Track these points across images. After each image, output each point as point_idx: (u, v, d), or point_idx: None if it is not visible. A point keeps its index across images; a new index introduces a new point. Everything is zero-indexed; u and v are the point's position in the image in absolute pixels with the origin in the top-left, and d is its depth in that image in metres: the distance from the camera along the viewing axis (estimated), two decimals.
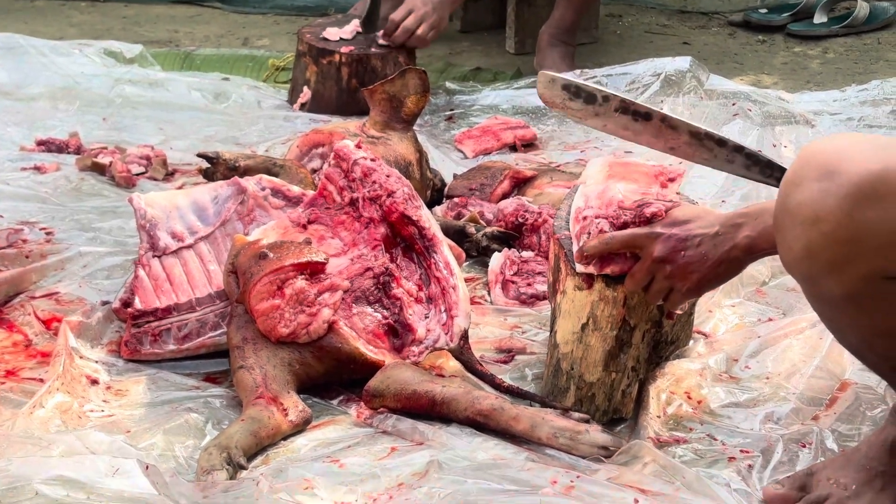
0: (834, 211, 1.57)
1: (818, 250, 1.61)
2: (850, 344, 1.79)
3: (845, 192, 1.56)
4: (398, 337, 2.28)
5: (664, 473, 1.91)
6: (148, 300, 2.36)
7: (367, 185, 2.37)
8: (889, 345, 1.71)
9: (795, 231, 1.62)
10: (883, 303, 1.64)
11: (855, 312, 1.68)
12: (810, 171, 1.60)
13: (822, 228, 1.59)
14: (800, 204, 1.61)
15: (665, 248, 1.98)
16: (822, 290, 1.67)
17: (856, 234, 1.57)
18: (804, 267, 1.65)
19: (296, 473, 1.93)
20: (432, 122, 3.78)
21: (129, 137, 3.55)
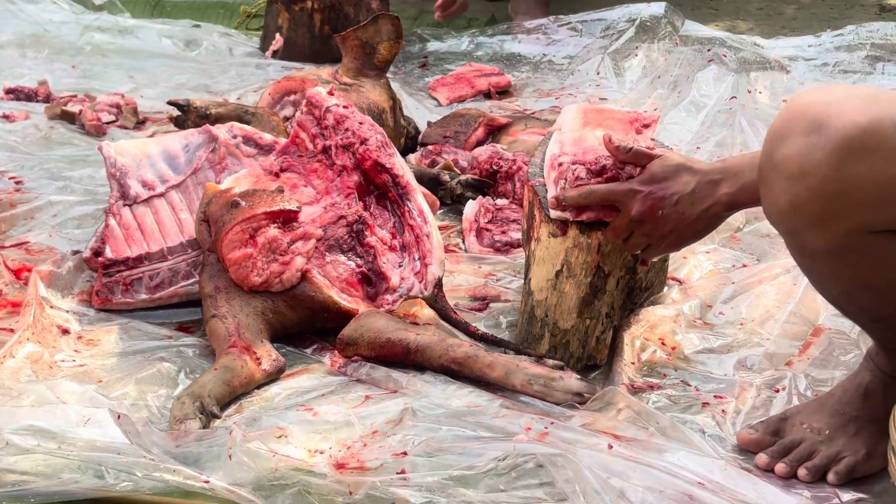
0: (821, 165, 1.55)
1: (804, 204, 1.59)
2: (830, 295, 1.79)
3: (833, 146, 1.54)
4: (372, 285, 2.27)
5: (638, 419, 1.91)
6: (119, 249, 2.34)
7: (340, 132, 2.35)
8: (869, 297, 1.71)
9: (781, 185, 1.61)
10: (865, 256, 1.64)
11: (837, 265, 1.67)
12: (797, 124, 1.58)
13: (808, 183, 1.57)
14: (786, 158, 1.59)
15: (643, 207, 1.96)
16: (806, 243, 1.66)
17: (842, 188, 1.56)
18: (789, 221, 1.64)
19: (269, 422, 1.92)
20: (406, 69, 3.75)
21: (98, 85, 3.51)
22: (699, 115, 3.30)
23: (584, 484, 1.68)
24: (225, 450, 1.76)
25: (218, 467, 1.74)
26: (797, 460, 1.83)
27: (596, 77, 3.67)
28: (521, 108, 3.45)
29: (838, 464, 1.82)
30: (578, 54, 3.78)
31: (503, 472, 1.77)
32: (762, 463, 1.84)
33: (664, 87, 3.50)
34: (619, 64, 3.69)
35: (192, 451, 1.78)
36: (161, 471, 1.71)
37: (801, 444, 1.85)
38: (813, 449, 1.84)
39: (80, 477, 1.73)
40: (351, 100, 2.58)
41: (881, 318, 1.77)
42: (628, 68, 3.67)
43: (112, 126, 3.22)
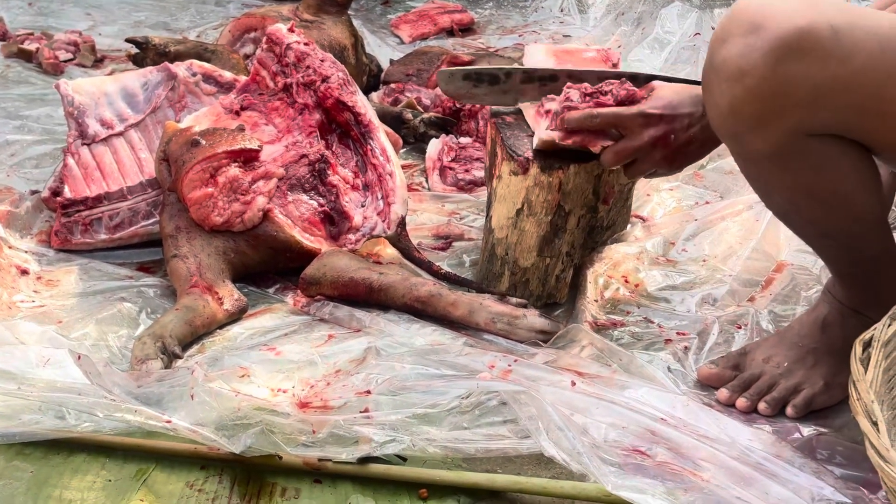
0: (758, 65, 1.57)
1: (742, 105, 1.61)
2: (776, 206, 1.79)
3: (769, 46, 1.56)
4: (334, 224, 2.26)
5: (601, 356, 1.92)
6: (78, 189, 2.32)
7: (301, 69, 2.33)
8: (814, 206, 1.72)
9: (721, 87, 1.62)
10: (807, 160, 1.65)
11: (780, 171, 1.68)
12: (736, 26, 1.59)
13: (746, 83, 1.58)
14: (725, 60, 1.60)
15: (656, 133, 1.93)
16: (748, 148, 1.67)
17: (779, 88, 1.57)
18: (730, 124, 1.65)
19: (232, 362, 1.92)
20: (368, 6, 3.71)
21: (55, 23, 3.46)
22: (663, 52, 3.30)
23: (547, 421, 1.69)
24: (187, 390, 1.75)
25: (180, 407, 1.73)
26: (757, 394, 1.85)
27: (559, 14, 3.65)
28: (485, 45, 3.43)
29: (797, 396, 1.83)
30: None
31: (467, 410, 1.78)
32: (723, 397, 1.86)
33: (628, 24, 3.48)
34: (583, 1, 3.67)
35: (153, 392, 1.77)
36: (122, 411, 1.71)
37: (760, 378, 1.86)
38: (772, 382, 1.86)
39: (40, 418, 1.72)
40: (312, 37, 2.55)
41: (829, 233, 1.77)
42: (592, 5, 3.65)
43: (69, 64, 3.17)
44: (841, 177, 1.68)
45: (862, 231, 1.75)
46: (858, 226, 1.74)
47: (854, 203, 1.71)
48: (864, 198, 1.71)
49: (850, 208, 1.71)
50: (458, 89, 2.15)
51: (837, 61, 1.56)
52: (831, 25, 1.55)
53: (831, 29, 1.55)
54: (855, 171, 1.68)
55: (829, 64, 1.56)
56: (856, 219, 1.73)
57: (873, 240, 1.77)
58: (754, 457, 1.67)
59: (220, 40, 2.94)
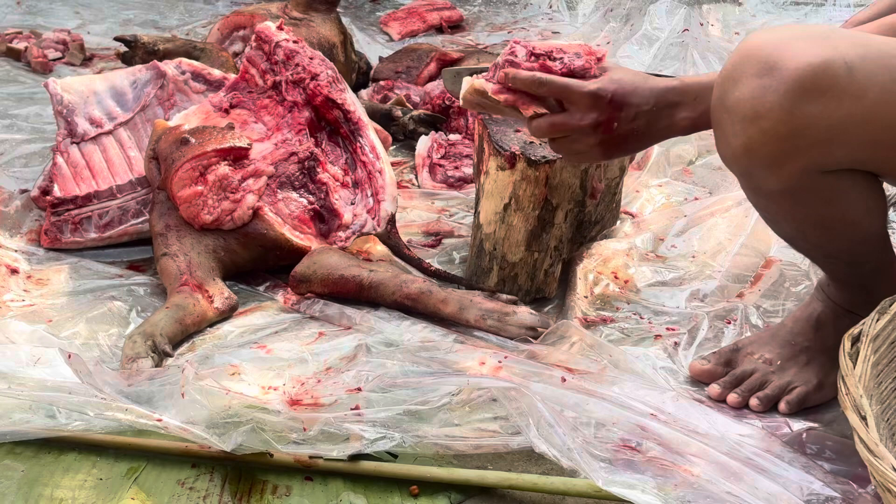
0: (774, 108, 1.54)
1: (758, 147, 1.58)
2: (784, 233, 1.79)
3: (786, 87, 1.53)
4: (324, 222, 2.26)
5: (591, 352, 1.92)
6: (67, 188, 2.31)
7: (290, 67, 2.33)
8: (821, 234, 1.72)
9: (735, 128, 1.59)
10: (818, 195, 1.64)
11: (791, 205, 1.67)
12: (749, 66, 1.56)
13: (762, 125, 1.56)
14: (739, 100, 1.57)
15: (601, 116, 1.76)
16: (761, 184, 1.66)
17: (796, 129, 1.55)
18: (743, 163, 1.63)
19: (222, 360, 1.92)
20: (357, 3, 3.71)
21: (44, 22, 3.46)
22: (651, 48, 3.30)
23: (538, 417, 1.69)
24: (178, 388, 1.75)
25: (171, 406, 1.73)
26: (749, 390, 1.85)
27: (549, 10, 3.65)
28: (474, 42, 3.43)
29: (790, 393, 1.83)
30: None
31: (457, 407, 1.78)
32: (714, 393, 1.86)
33: (616, 21, 3.48)
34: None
35: (144, 390, 1.77)
36: (113, 410, 1.70)
37: (752, 375, 1.87)
38: (764, 379, 1.86)
39: (31, 417, 1.72)
40: (301, 35, 2.55)
41: (833, 254, 1.78)
42: (581, 2, 3.65)
43: (59, 63, 3.17)
44: (850, 206, 1.68)
45: (866, 250, 1.76)
46: (863, 246, 1.74)
47: (861, 228, 1.71)
48: (871, 222, 1.71)
49: (857, 233, 1.72)
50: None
51: (852, 98, 1.53)
52: (846, 62, 1.53)
53: (846, 66, 1.52)
54: (864, 199, 1.68)
55: (845, 102, 1.53)
56: (861, 241, 1.73)
57: (875, 256, 1.78)
58: (744, 452, 1.67)
59: (210, 38, 2.94)
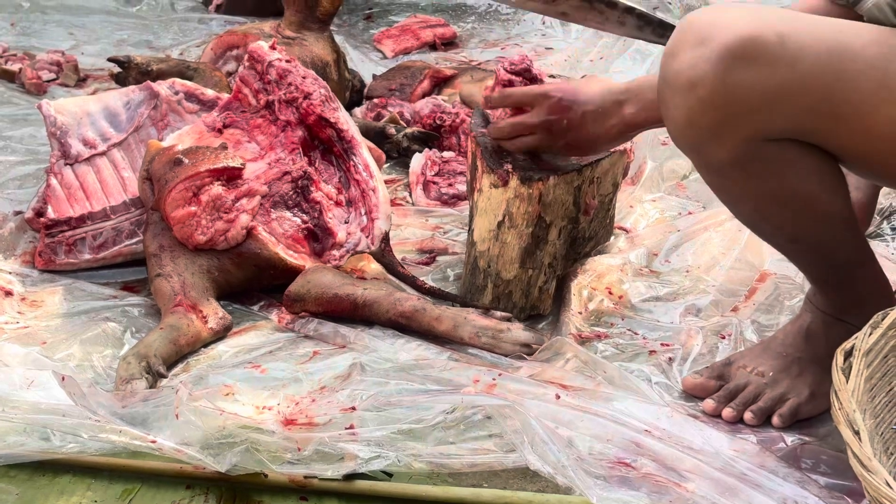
0: (708, 75, 1.60)
1: (698, 117, 1.64)
2: (744, 215, 1.81)
3: (717, 55, 1.60)
4: (318, 241, 2.26)
5: (585, 369, 1.92)
6: (61, 209, 2.31)
7: (283, 87, 2.33)
8: (779, 211, 1.73)
9: (676, 100, 1.65)
10: (767, 165, 1.68)
11: (743, 179, 1.70)
12: (685, 40, 1.63)
13: (698, 94, 1.62)
14: (677, 72, 1.64)
15: (550, 113, 2.06)
16: (709, 158, 1.70)
17: (731, 97, 1.61)
18: (688, 135, 1.69)
19: (216, 380, 1.92)
20: (350, 21, 3.72)
21: (38, 43, 3.46)
22: (645, 62, 3.31)
23: (532, 434, 1.69)
24: (172, 409, 1.75)
25: (165, 427, 1.73)
26: (743, 404, 1.85)
27: (542, 26, 3.66)
28: (467, 58, 3.44)
29: (782, 406, 1.84)
30: None
31: (452, 425, 1.78)
32: (708, 408, 1.86)
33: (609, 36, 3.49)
34: None
35: (138, 412, 1.77)
36: (107, 432, 1.70)
37: (746, 388, 1.87)
38: (758, 392, 1.86)
39: (25, 440, 1.72)
40: (294, 54, 2.56)
41: (797, 238, 1.78)
42: None
43: (52, 84, 3.17)
44: (802, 179, 1.70)
45: (831, 233, 1.76)
46: (826, 228, 1.75)
47: (818, 203, 1.72)
48: (828, 197, 1.73)
49: (815, 209, 1.73)
50: None
51: (786, 66, 1.59)
52: (777, 32, 1.59)
53: (777, 35, 1.59)
54: (816, 172, 1.70)
55: (778, 69, 1.59)
56: (822, 220, 1.74)
57: (844, 243, 1.78)
58: (738, 467, 1.67)
59: (203, 58, 2.95)
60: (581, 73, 3.24)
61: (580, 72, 3.26)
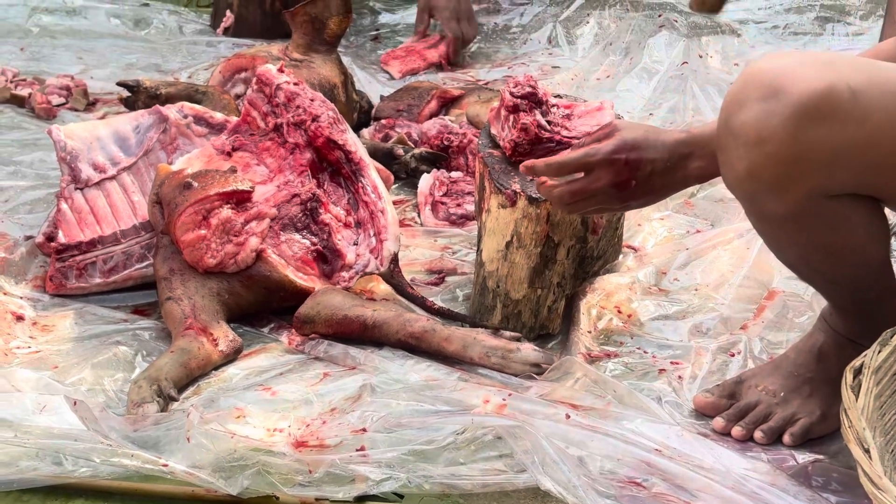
0: (778, 131, 1.56)
1: (761, 171, 1.60)
2: (787, 259, 1.80)
3: (789, 112, 1.55)
4: (328, 263, 2.27)
5: (595, 388, 1.93)
6: (72, 233, 2.33)
7: (291, 109, 2.34)
8: (825, 260, 1.73)
9: (739, 152, 1.61)
10: (822, 220, 1.66)
11: (795, 230, 1.68)
12: (753, 90, 1.58)
13: (765, 149, 1.57)
14: (743, 124, 1.59)
15: (618, 178, 1.86)
16: (765, 209, 1.67)
17: (799, 153, 1.57)
18: (747, 187, 1.65)
19: (227, 403, 1.92)
20: (357, 42, 3.73)
21: (48, 68, 3.47)
22: (651, 81, 3.31)
23: (543, 454, 1.70)
24: (183, 432, 1.76)
25: (176, 450, 1.74)
26: (753, 423, 1.85)
27: (548, 46, 3.66)
28: (474, 78, 3.45)
29: (793, 425, 1.84)
30: (530, 23, 3.78)
31: (462, 446, 1.78)
32: (719, 426, 1.86)
33: (616, 54, 3.50)
34: (571, 31, 3.69)
35: (150, 435, 1.78)
36: (119, 456, 1.71)
37: (756, 407, 1.87)
38: (769, 411, 1.86)
39: (37, 464, 1.72)
40: (302, 76, 2.57)
41: (836, 280, 1.79)
42: (580, 36, 3.66)
43: (62, 109, 3.19)
44: (853, 232, 1.69)
45: (868, 276, 1.76)
46: (865, 272, 1.75)
47: (864, 254, 1.72)
48: (874, 248, 1.72)
49: (860, 258, 1.72)
50: None
51: (855, 122, 1.55)
52: (849, 86, 1.55)
53: (849, 90, 1.55)
54: (866, 224, 1.69)
55: (848, 126, 1.55)
56: (863, 266, 1.74)
57: (878, 282, 1.78)
58: (749, 486, 1.67)
59: (211, 81, 2.96)
60: (587, 91, 3.25)
61: (586, 91, 3.26)
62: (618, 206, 1.93)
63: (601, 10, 3.70)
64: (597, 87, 3.30)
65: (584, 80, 3.37)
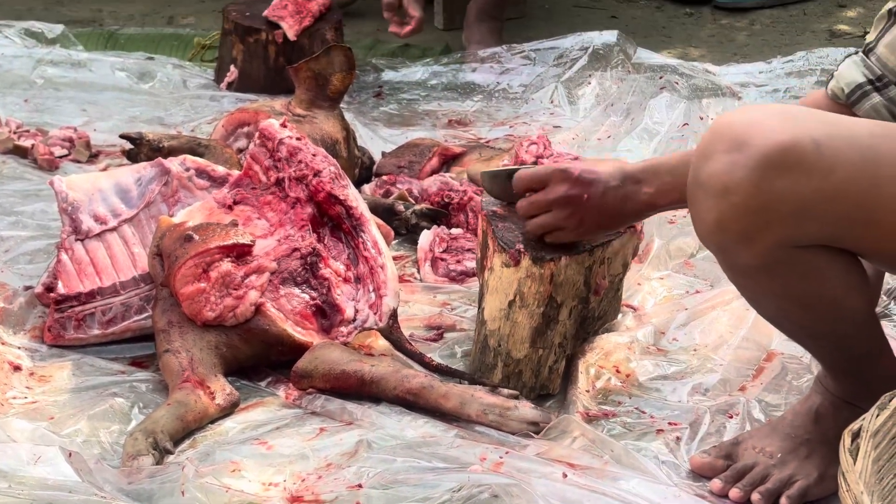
0: (743, 182, 1.59)
1: (729, 221, 1.63)
2: (766, 313, 1.82)
3: (754, 163, 1.59)
4: (326, 317, 2.27)
5: (593, 447, 1.92)
6: (71, 284, 2.33)
7: (293, 164, 2.35)
8: (803, 313, 1.74)
9: (707, 203, 1.64)
10: (794, 270, 1.67)
11: (768, 281, 1.70)
12: (720, 143, 1.62)
13: (732, 200, 1.61)
14: (710, 176, 1.63)
15: (571, 190, 1.99)
16: (736, 260, 1.70)
17: (765, 204, 1.60)
18: (717, 238, 1.68)
19: (223, 456, 1.91)
20: (360, 99, 3.75)
21: (51, 119, 3.49)
22: (652, 142, 3.33)
23: None
24: (178, 486, 1.75)
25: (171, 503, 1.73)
26: (751, 484, 1.85)
27: (550, 105, 3.68)
28: (476, 136, 3.46)
29: (791, 487, 1.83)
30: (532, 83, 3.80)
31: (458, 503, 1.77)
32: (716, 488, 1.85)
33: (617, 115, 3.52)
34: (573, 92, 3.71)
35: (144, 488, 1.77)
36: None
37: (753, 469, 1.86)
38: (766, 473, 1.86)
39: None
40: (304, 131, 2.58)
41: (819, 335, 1.79)
42: (582, 96, 3.68)
43: (65, 160, 3.20)
44: (829, 283, 1.70)
45: (852, 330, 1.77)
46: (848, 326, 1.75)
47: (843, 306, 1.73)
48: (853, 300, 1.73)
49: (840, 311, 1.73)
50: (503, 189, 2.16)
51: (821, 174, 1.58)
52: (813, 139, 1.58)
53: (813, 142, 1.58)
54: (843, 275, 1.70)
55: (813, 177, 1.58)
56: (845, 320, 1.74)
57: (863, 337, 1.79)
58: None
59: (214, 135, 2.97)
60: (588, 151, 3.26)
61: (587, 150, 3.28)
62: (572, 226, 2.03)
63: (603, 71, 3.73)
64: (598, 147, 3.32)
65: (585, 139, 3.38)
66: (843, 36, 4.35)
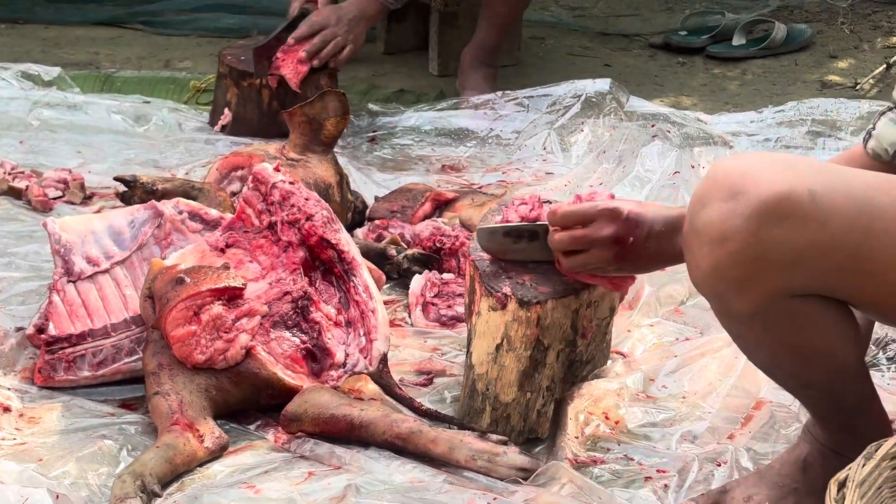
0: (740, 230, 1.60)
1: (725, 269, 1.64)
2: (759, 361, 1.82)
3: (751, 212, 1.59)
4: (317, 361, 2.27)
5: (581, 494, 1.92)
6: (62, 326, 2.33)
7: (286, 208, 2.36)
8: (796, 362, 1.74)
9: (703, 250, 1.65)
10: (788, 320, 1.68)
11: (762, 330, 1.71)
12: (717, 191, 1.63)
13: (728, 248, 1.61)
14: (707, 223, 1.63)
15: (619, 231, 1.95)
16: (731, 308, 1.70)
17: (761, 252, 1.61)
18: (712, 285, 1.68)
19: (211, 500, 1.91)
20: (354, 143, 3.77)
21: (46, 161, 3.50)
22: (643, 189, 3.34)
23: None
24: None
25: None
26: None
27: (542, 152, 3.70)
28: (469, 182, 3.48)
29: None
30: (525, 129, 3.82)
31: None
32: None
33: (609, 162, 3.53)
34: (566, 139, 3.73)
35: None
36: None
37: None
38: None
39: None
40: (297, 175, 2.60)
41: (811, 385, 1.80)
42: (574, 143, 3.70)
43: (59, 202, 3.20)
44: (822, 333, 1.71)
45: (843, 381, 1.77)
46: (839, 376, 1.76)
47: (835, 357, 1.73)
48: (846, 350, 1.74)
49: (832, 361, 1.74)
50: (499, 245, 2.15)
51: (817, 224, 1.59)
52: (809, 190, 1.59)
53: (809, 193, 1.59)
54: (836, 326, 1.71)
55: (809, 228, 1.59)
56: (837, 370, 1.75)
57: (854, 387, 1.79)
58: None
59: (208, 178, 2.98)
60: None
61: None
62: (612, 265, 2.00)
63: (595, 118, 3.75)
64: None
65: (577, 186, 3.40)
66: (834, 87, 4.37)
